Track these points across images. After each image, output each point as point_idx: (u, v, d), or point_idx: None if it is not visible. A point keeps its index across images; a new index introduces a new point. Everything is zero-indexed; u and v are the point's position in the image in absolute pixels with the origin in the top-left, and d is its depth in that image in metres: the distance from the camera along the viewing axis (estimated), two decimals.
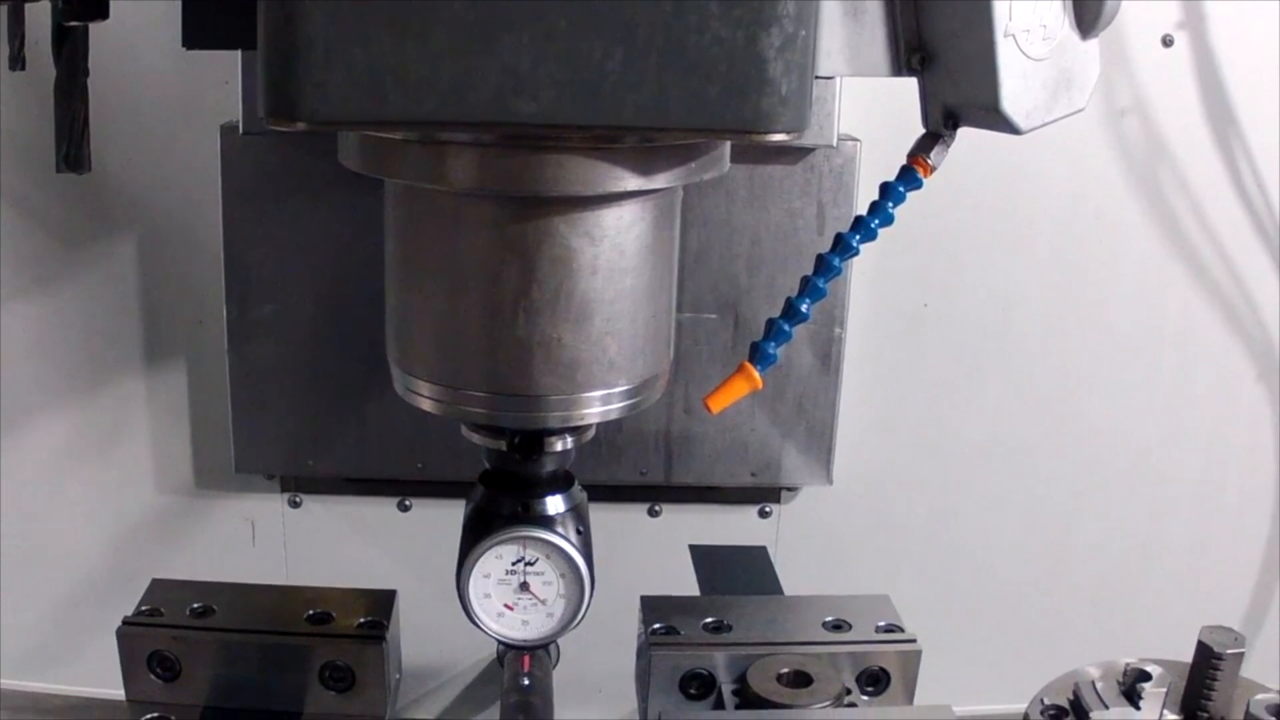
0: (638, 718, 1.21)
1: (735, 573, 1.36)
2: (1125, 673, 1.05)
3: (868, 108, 1.30)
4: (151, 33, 1.27)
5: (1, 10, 0.96)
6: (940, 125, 0.90)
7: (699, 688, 1.16)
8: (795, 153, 1.31)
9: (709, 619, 1.20)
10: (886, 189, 0.92)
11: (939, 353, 1.47)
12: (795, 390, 1.39)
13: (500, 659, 1.36)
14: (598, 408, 0.94)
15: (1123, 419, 1.50)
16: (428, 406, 0.96)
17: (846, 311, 1.37)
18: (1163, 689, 1.03)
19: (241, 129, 1.27)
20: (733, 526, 1.49)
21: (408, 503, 1.48)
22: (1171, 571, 1.56)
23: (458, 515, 1.04)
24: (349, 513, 1.48)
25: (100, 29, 0.95)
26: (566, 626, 1.03)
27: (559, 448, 0.99)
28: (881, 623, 1.21)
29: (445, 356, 0.94)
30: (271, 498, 1.48)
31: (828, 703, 1.10)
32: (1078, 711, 1.03)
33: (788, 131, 0.78)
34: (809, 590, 1.29)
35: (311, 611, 1.17)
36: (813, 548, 1.51)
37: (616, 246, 0.90)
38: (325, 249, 1.32)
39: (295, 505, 1.48)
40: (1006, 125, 0.86)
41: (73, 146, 0.99)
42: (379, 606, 1.18)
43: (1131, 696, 1.03)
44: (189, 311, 1.41)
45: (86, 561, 1.49)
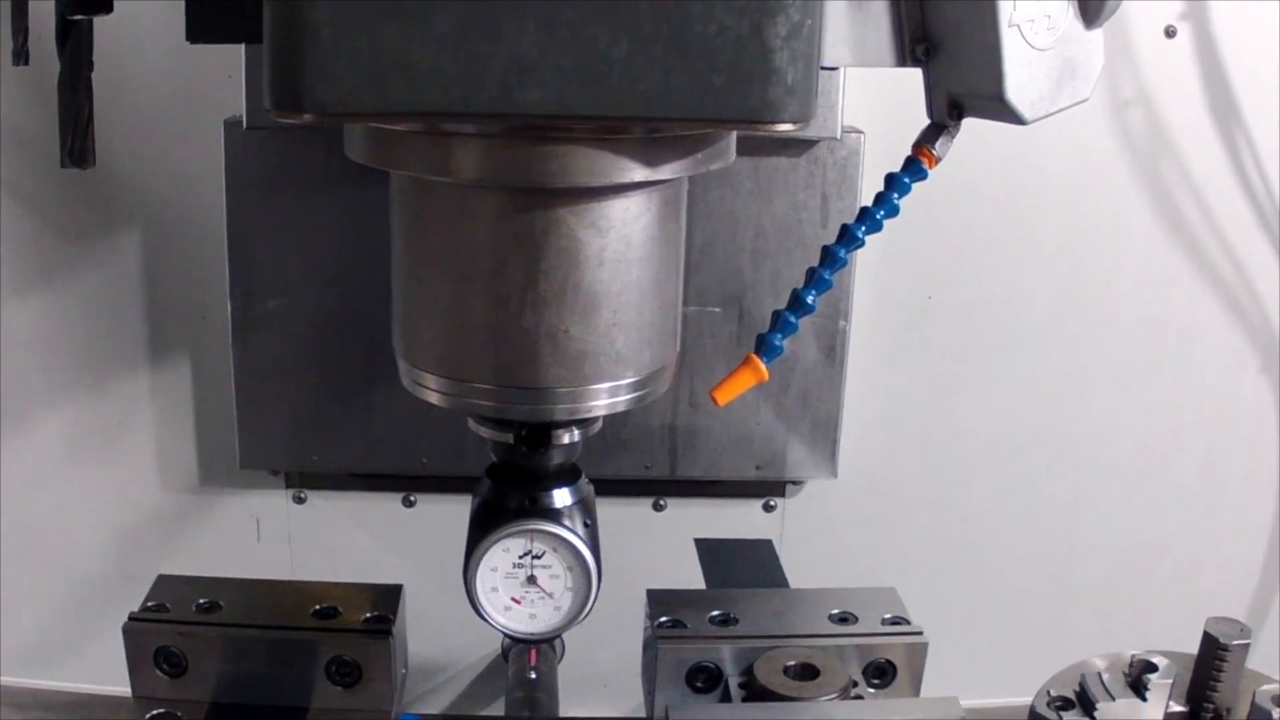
0: (644, 712, 1.21)
1: (741, 566, 1.36)
2: (1131, 664, 1.05)
3: (872, 100, 1.30)
4: (155, 27, 1.27)
5: (4, 5, 0.96)
6: (945, 116, 0.90)
7: (705, 681, 1.16)
8: (800, 145, 1.31)
9: (715, 612, 1.20)
10: (891, 180, 0.92)
11: (943, 345, 1.47)
12: (800, 384, 1.39)
13: (505, 654, 1.36)
14: (605, 400, 0.94)
15: (1126, 410, 1.50)
16: (434, 399, 0.96)
17: (851, 305, 1.37)
18: (1169, 680, 1.02)
19: (245, 123, 1.26)
20: (738, 520, 1.49)
21: (413, 498, 1.48)
22: (1176, 563, 1.56)
23: (463, 510, 1.04)
24: (354, 508, 1.48)
25: (104, 23, 0.94)
26: (574, 620, 1.03)
27: (566, 440, 0.99)
28: (888, 615, 1.21)
29: (452, 349, 0.93)
30: (276, 493, 1.48)
31: (834, 695, 1.10)
32: (1084, 703, 1.03)
33: (794, 121, 0.78)
34: (814, 584, 1.29)
35: (318, 607, 1.17)
36: (818, 541, 1.51)
37: (623, 238, 0.89)
38: (329, 244, 1.32)
39: (300, 501, 1.48)
40: (1011, 115, 0.86)
41: (77, 141, 0.98)
42: (385, 601, 1.18)
43: (1138, 688, 1.03)
44: (193, 307, 1.41)
45: (91, 558, 1.49)
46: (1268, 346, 1.48)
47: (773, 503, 1.50)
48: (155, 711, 1.12)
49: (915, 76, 0.90)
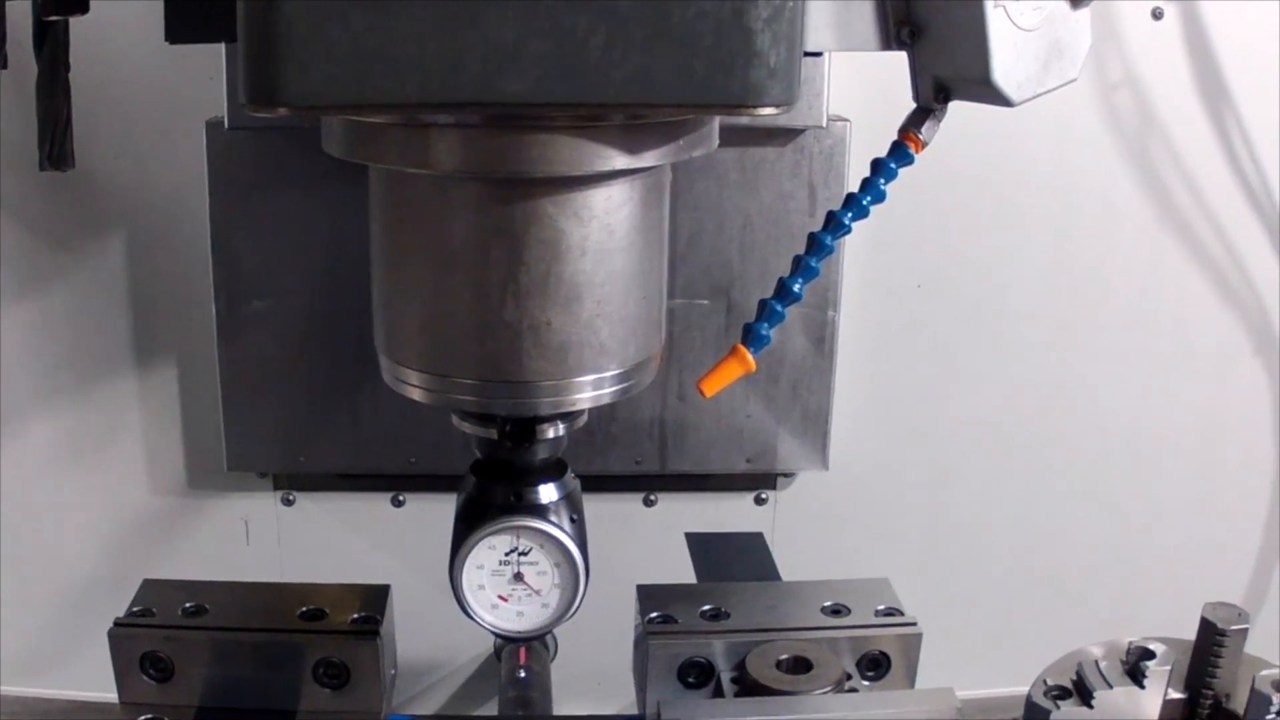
0: (637, 709, 1.20)
1: (732, 559, 1.36)
2: (1129, 651, 1.04)
3: (857, 88, 1.29)
4: (134, 27, 1.26)
5: None
6: (931, 99, 0.89)
7: (698, 676, 1.16)
8: (785, 134, 1.30)
9: (706, 607, 1.19)
10: (878, 165, 0.91)
11: (933, 333, 1.46)
12: (789, 375, 1.38)
13: (498, 653, 1.36)
14: (589, 392, 0.93)
15: (1119, 396, 1.50)
16: (416, 396, 0.95)
17: (840, 295, 1.36)
18: (1166, 667, 1.02)
19: (227, 124, 1.25)
20: (729, 514, 1.49)
21: (401, 498, 1.47)
22: (1171, 549, 1.55)
23: (451, 509, 1.03)
24: (343, 509, 1.48)
25: (82, 24, 0.93)
26: (562, 617, 1.02)
27: (551, 434, 0.98)
28: (881, 606, 1.20)
29: (433, 344, 0.92)
30: (264, 495, 1.47)
31: (828, 688, 1.09)
32: (1081, 691, 1.02)
33: (777, 105, 0.77)
34: (806, 576, 1.28)
35: (304, 608, 1.16)
36: (810, 533, 1.50)
37: (605, 227, 0.88)
38: (313, 244, 1.31)
39: (288, 503, 1.47)
40: (998, 97, 0.85)
41: (55, 144, 0.98)
42: (372, 602, 1.17)
43: (1135, 675, 1.02)
44: (178, 309, 1.40)
45: (80, 564, 1.48)
46: (1261, 329, 1.48)
47: (764, 495, 1.49)
48: (143, 717, 1.11)
49: (901, 63, 0.90)
